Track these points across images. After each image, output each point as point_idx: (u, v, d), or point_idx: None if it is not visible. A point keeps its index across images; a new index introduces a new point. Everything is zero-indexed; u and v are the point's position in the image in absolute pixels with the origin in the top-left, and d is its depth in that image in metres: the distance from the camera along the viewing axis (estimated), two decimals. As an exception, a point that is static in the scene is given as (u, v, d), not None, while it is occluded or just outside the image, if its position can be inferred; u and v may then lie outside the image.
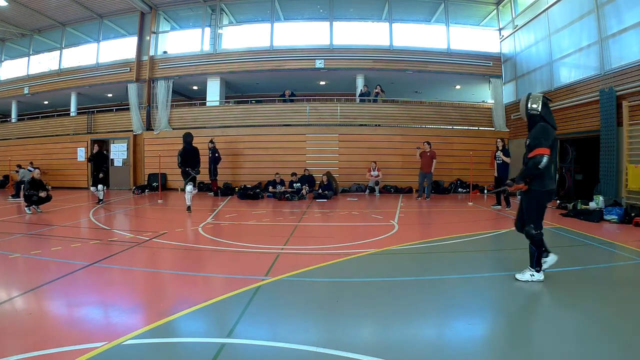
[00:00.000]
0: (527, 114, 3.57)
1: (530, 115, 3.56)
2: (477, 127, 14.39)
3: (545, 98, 3.58)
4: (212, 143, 12.42)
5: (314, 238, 5.62)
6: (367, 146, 13.31)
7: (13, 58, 17.98)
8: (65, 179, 15.04)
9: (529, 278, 3.55)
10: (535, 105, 3.51)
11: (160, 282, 3.82)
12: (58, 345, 2.30)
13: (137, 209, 9.35)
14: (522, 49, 13.14)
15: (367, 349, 2.32)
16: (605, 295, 3.37)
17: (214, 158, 12.29)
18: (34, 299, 3.17)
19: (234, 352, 2.31)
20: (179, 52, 15.36)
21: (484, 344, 2.52)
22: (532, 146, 3.45)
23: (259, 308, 2.98)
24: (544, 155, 3.32)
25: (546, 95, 3.65)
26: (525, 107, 3.57)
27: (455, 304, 3.12)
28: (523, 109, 3.61)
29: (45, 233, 6.07)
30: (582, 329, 2.68)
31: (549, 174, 3.49)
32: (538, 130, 3.47)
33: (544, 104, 3.52)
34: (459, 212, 9.00)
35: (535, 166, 3.36)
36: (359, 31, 15.06)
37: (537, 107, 3.50)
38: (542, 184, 3.45)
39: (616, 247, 5.18)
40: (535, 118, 3.54)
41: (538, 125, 3.50)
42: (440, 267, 4.23)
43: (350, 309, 3.03)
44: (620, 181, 8.51)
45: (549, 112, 3.55)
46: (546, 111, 3.53)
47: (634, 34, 8.40)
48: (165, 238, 5.62)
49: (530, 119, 3.58)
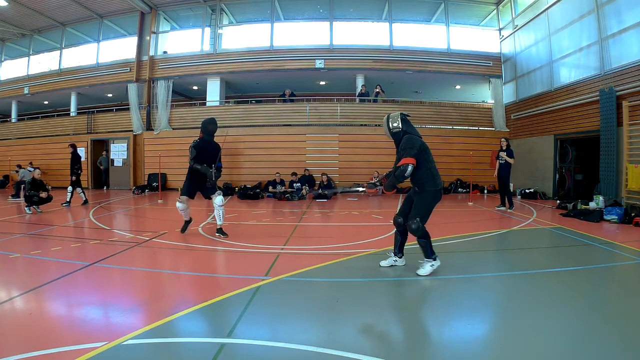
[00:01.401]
0: (391, 133, 3.87)
1: (394, 134, 3.86)
2: (477, 127, 14.39)
3: (403, 114, 3.89)
4: None
5: (314, 238, 5.62)
6: (367, 146, 13.31)
7: (13, 58, 17.97)
8: (65, 179, 14.94)
9: (431, 269, 3.79)
10: (396, 124, 3.83)
11: (160, 282, 3.82)
12: (58, 345, 2.29)
13: (137, 209, 9.35)
14: (522, 49, 13.14)
15: (367, 349, 2.32)
16: (605, 295, 3.37)
17: None
18: (34, 299, 3.17)
19: (234, 352, 2.30)
20: (179, 52, 15.36)
21: (484, 344, 2.52)
22: (399, 157, 3.76)
23: (259, 308, 2.98)
24: (408, 165, 3.65)
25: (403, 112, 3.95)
26: (388, 128, 3.87)
27: (455, 304, 3.12)
28: (386, 130, 3.89)
29: (45, 233, 6.07)
30: (582, 329, 2.68)
31: (437, 173, 3.82)
32: (404, 141, 3.77)
33: (403, 121, 3.84)
34: (459, 212, 8.99)
35: (401, 174, 3.68)
36: (359, 31, 15.05)
37: (397, 125, 3.83)
38: (435, 183, 3.78)
39: (616, 247, 5.17)
40: (399, 134, 3.83)
41: (404, 137, 3.79)
42: (440, 267, 4.23)
43: (350, 309, 3.03)
44: (620, 181, 8.51)
45: (410, 126, 3.87)
46: (407, 125, 3.85)
47: (634, 34, 8.41)
48: (165, 238, 5.62)
49: (394, 136, 3.87)
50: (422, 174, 3.75)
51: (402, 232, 4.02)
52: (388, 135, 3.93)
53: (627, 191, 8.28)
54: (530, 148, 12.41)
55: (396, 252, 4.06)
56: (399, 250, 4.06)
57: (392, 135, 3.88)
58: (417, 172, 3.73)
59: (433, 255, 3.80)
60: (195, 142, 5.59)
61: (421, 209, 3.78)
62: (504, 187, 8.99)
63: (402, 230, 4.00)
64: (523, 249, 5.25)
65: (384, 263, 4.07)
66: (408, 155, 3.67)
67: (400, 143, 3.81)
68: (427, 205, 3.80)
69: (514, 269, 4.05)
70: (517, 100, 13.44)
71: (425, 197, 3.79)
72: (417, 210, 3.77)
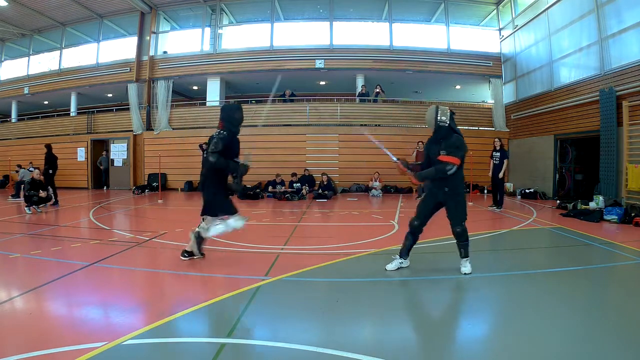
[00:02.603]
0: (437, 125, 3.77)
1: (439, 127, 3.77)
2: (477, 127, 14.40)
3: (452, 111, 3.86)
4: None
5: (314, 238, 5.62)
6: (367, 146, 13.26)
7: (13, 58, 17.98)
8: (65, 179, 15.01)
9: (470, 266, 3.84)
10: (444, 117, 3.76)
11: (160, 282, 3.82)
12: (58, 345, 2.29)
13: (137, 209, 9.35)
14: (522, 49, 13.14)
15: (367, 349, 2.32)
16: (605, 295, 3.37)
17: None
18: (34, 299, 3.17)
19: (234, 352, 2.30)
20: (179, 52, 15.36)
21: (484, 344, 2.52)
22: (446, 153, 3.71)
23: (259, 308, 2.97)
24: (454, 164, 3.64)
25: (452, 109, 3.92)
26: (435, 119, 3.77)
27: (455, 304, 3.12)
28: (432, 120, 3.80)
29: (45, 233, 6.07)
30: (581, 328, 2.68)
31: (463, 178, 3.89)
32: (454, 140, 3.73)
33: (450, 117, 3.79)
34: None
35: (443, 171, 3.66)
36: (359, 31, 15.05)
37: (445, 119, 3.75)
38: (462, 186, 3.90)
39: (616, 247, 5.17)
40: (444, 129, 3.76)
41: (455, 136, 3.76)
42: (441, 267, 4.23)
43: (350, 309, 3.03)
44: (620, 181, 8.51)
45: (455, 124, 3.84)
46: (453, 123, 3.82)
47: (634, 34, 8.41)
48: (165, 238, 5.62)
49: (439, 129, 3.79)
50: (458, 176, 3.77)
51: (414, 235, 3.97)
52: (431, 125, 3.81)
53: (627, 191, 8.27)
54: (530, 148, 12.41)
55: (402, 255, 3.99)
56: (406, 254, 3.99)
57: (436, 127, 3.77)
58: (456, 173, 3.72)
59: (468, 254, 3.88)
60: (221, 133, 4.26)
61: (462, 212, 3.81)
62: (496, 186, 9.03)
63: (416, 233, 3.96)
64: (523, 249, 5.25)
65: (390, 266, 3.95)
66: (455, 155, 3.64)
67: (440, 137, 3.77)
68: (465, 208, 3.84)
69: (514, 269, 4.05)
70: (517, 100, 13.44)
71: (461, 201, 3.82)
72: (459, 215, 3.80)
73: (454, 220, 3.81)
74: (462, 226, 3.78)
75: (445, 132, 3.75)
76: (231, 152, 4.33)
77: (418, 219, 3.92)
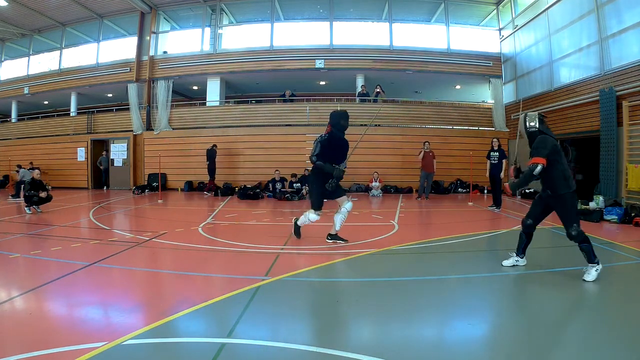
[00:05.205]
0: (527, 132, 3.84)
1: (530, 133, 3.83)
2: (477, 127, 14.39)
3: (540, 115, 3.87)
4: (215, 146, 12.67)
5: (314, 238, 5.61)
6: (367, 146, 13.27)
7: (13, 58, 17.97)
8: (65, 179, 15.04)
9: (596, 274, 3.58)
10: (533, 122, 3.81)
11: (160, 282, 3.82)
12: (58, 345, 2.29)
13: (137, 209, 9.35)
14: (522, 49, 13.14)
15: (367, 349, 2.32)
16: (605, 295, 3.37)
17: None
18: (34, 299, 3.17)
19: (234, 352, 2.30)
20: (179, 52, 15.36)
21: (484, 344, 2.52)
22: (530, 155, 3.72)
23: (259, 308, 2.97)
24: (538, 164, 3.60)
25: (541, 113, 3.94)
26: (525, 127, 3.85)
27: (455, 304, 3.12)
28: (522, 128, 3.88)
29: (45, 233, 6.07)
30: (582, 328, 2.68)
31: (569, 175, 3.73)
32: (537, 140, 3.74)
33: (540, 121, 3.81)
34: (458, 212, 9.00)
35: (529, 173, 3.65)
36: (359, 31, 15.05)
37: (534, 124, 3.80)
38: (568, 185, 3.68)
39: (616, 247, 5.17)
40: (535, 134, 3.80)
41: (539, 137, 3.75)
42: (440, 267, 4.23)
43: (350, 309, 3.03)
44: (620, 181, 8.51)
45: (546, 127, 3.83)
46: (543, 126, 3.81)
47: (634, 34, 8.40)
48: (165, 238, 5.62)
49: (530, 135, 3.84)
50: (554, 175, 3.67)
51: (528, 235, 4.00)
52: (523, 133, 3.87)
53: (627, 191, 8.27)
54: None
55: (518, 253, 4.05)
56: (522, 252, 4.05)
57: (527, 134, 3.83)
58: (548, 173, 3.66)
59: (596, 259, 3.59)
60: (322, 137, 4.90)
61: (571, 214, 3.68)
62: (495, 186, 9.04)
63: (529, 232, 3.99)
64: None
65: (507, 263, 4.06)
66: (538, 155, 3.62)
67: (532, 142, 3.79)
68: (572, 208, 3.72)
69: (514, 269, 4.05)
70: (517, 100, 13.43)
71: (565, 202, 3.69)
72: (568, 217, 3.67)
73: (564, 223, 3.69)
74: (575, 229, 3.57)
75: (535, 137, 3.78)
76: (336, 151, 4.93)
77: (529, 219, 3.95)
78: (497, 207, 8.77)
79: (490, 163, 9.10)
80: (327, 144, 4.85)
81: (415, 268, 4.20)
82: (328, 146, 4.86)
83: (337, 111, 5.11)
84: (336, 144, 4.94)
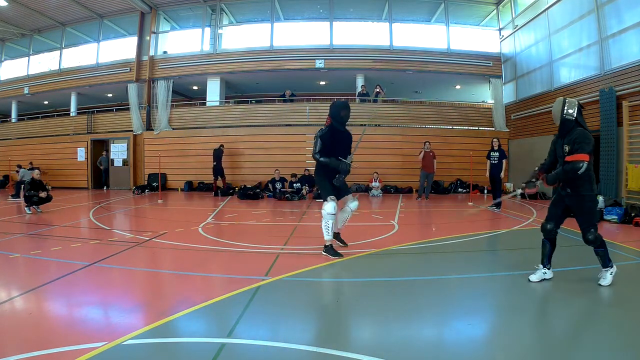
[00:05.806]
0: (563, 118, 3.51)
1: (565, 120, 3.51)
2: (477, 127, 14.40)
3: (580, 104, 3.57)
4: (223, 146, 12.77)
5: (314, 238, 5.61)
6: (367, 146, 13.27)
7: (13, 58, 17.97)
8: (65, 179, 15.04)
9: (611, 277, 3.49)
10: (572, 110, 3.49)
11: (160, 282, 3.82)
12: (58, 345, 2.29)
13: (137, 209, 9.35)
14: (522, 49, 13.14)
15: (367, 349, 2.32)
16: (605, 295, 3.37)
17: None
18: (34, 299, 3.17)
19: (234, 352, 2.30)
20: (179, 52, 15.36)
21: (484, 344, 2.52)
22: (573, 150, 3.42)
23: (259, 308, 2.97)
24: (584, 162, 3.32)
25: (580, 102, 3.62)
26: (562, 112, 3.51)
27: (455, 304, 3.12)
28: (558, 113, 3.54)
29: (45, 233, 6.07)
30: (581, 328, 2.68)
31: (594, 178, 3.53)
32: (580, 135, 3.42)
33: (578, 111, 3.52)
34: (458, 212, 9.00)
35: (574, 169, 3.36)
36: (359, 31, 15.05)
37: (573, 112, 3.49)
38: (591, 188, 3.48)
39: (616, 247, 5.17)
40: (571, 123, 3.51)
41: (578, 130, 3.45)
42: (440, 267, 4.23)
43: (350, 309, 3.03)
44: (620, 181, 8.51)
45: (583, 119, 3.54)
46: (581, 117, 3.52)
47: (634, 34, 8.40)
48: (165, 238, 5.62)
49: (565, 123, 3.53)
50: (583, 175, 3.40)
51: (551, 241, 3.65)
52: (556, 118, 3.55)
53: (627, 191, 8.27)
54: (530, 148, 12.40)
55: (545, 264, 3.64)
56: (548, 261, 3.64)
57: (563, 121, 3.51)
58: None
59: (610, 263, 3.49)
60: (322, 131, 4.56)
61: (591, 216, 3.48)
62: (495, 186, 9.05)
63: (551, 238, 3.65)
64: (523, 249, 5.24)
65: (534, 278, 3.61)
66: (584, 152, 3.34)
67: (566, 132, 3.51)
68: (593, 211, 3.52)
69: (514, 269, 4.05)
70: (517, 100, 13.44)
71: (586, 204, 3.47)
72: (587, 220, 3.45)
73: (581, 226, 3.47)
74: (592, 233, 3.38)
75: (570, 126, 3.48)
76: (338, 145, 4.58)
77: (549, 222, 3.65)
78: (497, 207, 8.78)
79: (490, 163, 9.12)
80: (328, 138, 4.51)
81: (415, 268, 4.20)
82: (329, 140, 4.52)
83: (337, 102, 4.82)
84: (338, 137, 4.60)
